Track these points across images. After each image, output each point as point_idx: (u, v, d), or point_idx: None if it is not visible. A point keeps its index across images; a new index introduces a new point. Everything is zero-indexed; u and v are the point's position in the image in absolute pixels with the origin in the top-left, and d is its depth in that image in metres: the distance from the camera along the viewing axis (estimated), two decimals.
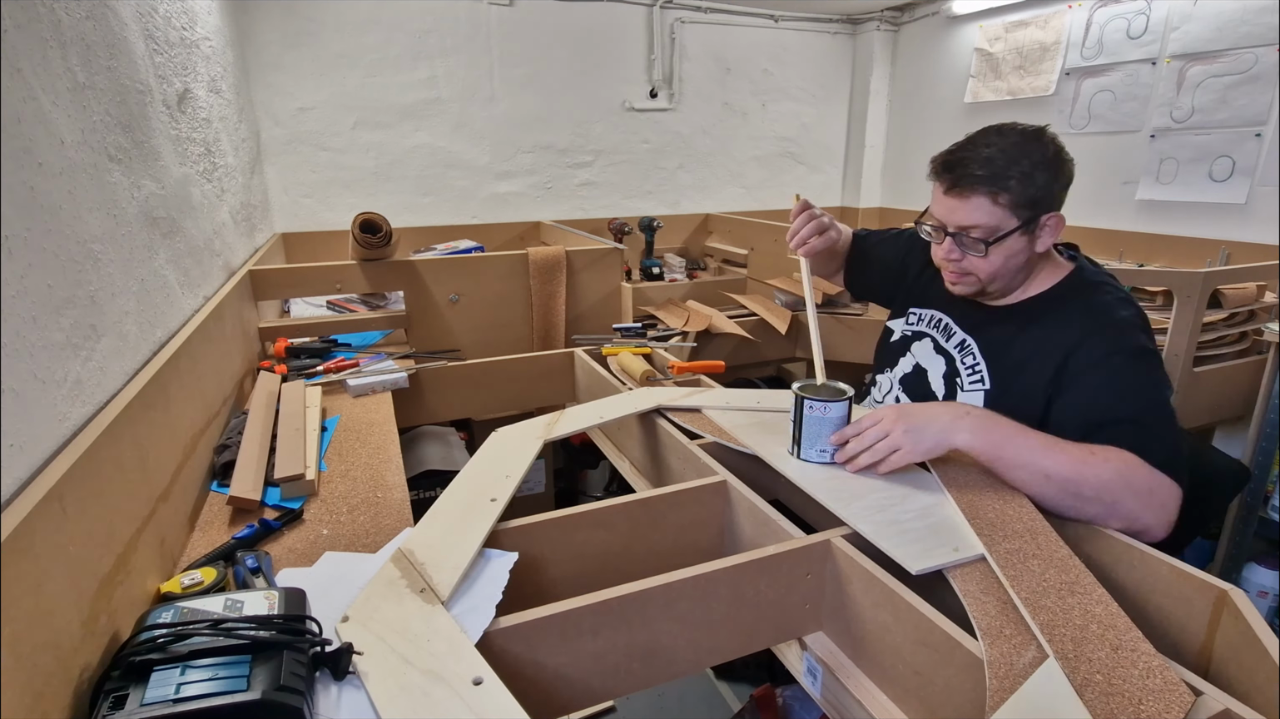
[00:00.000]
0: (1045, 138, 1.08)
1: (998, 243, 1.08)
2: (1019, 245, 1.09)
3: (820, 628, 0.90)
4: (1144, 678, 0.64)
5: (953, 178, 1.09)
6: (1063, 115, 2.67)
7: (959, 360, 1.20)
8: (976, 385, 1.16)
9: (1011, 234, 1.07)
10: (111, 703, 0.58)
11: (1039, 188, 1.05)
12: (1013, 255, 1.10)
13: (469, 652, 0.68)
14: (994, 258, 1.10)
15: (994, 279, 1.14)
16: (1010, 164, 1.05)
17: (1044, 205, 1.07)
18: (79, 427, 0.77)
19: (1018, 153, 1.05)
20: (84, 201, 0.87)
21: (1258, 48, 2.10)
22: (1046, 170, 1.05)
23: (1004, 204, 1.06)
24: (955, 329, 1.22)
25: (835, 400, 1.03)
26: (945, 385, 1.21)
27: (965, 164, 1.08)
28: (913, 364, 1.27)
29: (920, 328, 1.29)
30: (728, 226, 3.05)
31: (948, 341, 1.22)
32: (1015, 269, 1.12)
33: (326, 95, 2.52)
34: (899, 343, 1.32)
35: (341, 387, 1.57)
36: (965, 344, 1.19)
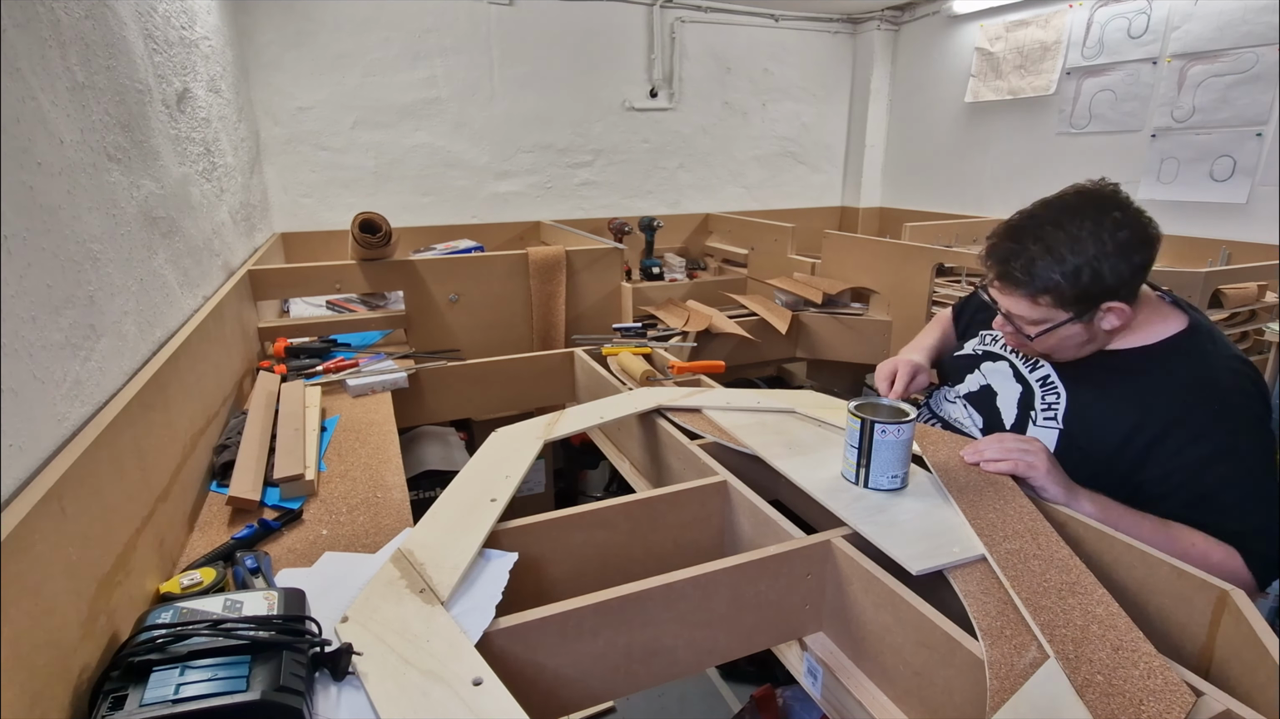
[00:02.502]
0: (1108, 229, 0.98)
1: (1046, 333, 1.04)
2: (1072, 332, 1.03)
3: (820, 628, 0.89)
4: (1145, 678, 0.64)
5: (997, 271, 1.05)
6: (1063, 115, 2.67)
7: (1038, 394, 1.12)
8: (1050, 423, 1.09)
9: (1061, 325, 1.03)
10: (111, 703, 0.58)
11: (1090, 283, 0.98)
12: (1068, 339, 1.05)
13: (469, 652, 0.68)
14: (1044, 342, 1.06)
15: (1053, 355, 1.10)
16: (1055, 265, 0.99)
17: (1101, 297, 1.00)
18: (78, 427, 0.77)
19: (1068, 250, 0.98)
20: (83, 201, 0.87)
21: (1258, 47, 2.10)
22: (1101, 264, 0.97)
23: (1045, 304, 1.02)
24: (1043, 362, 1.14)
25: (904, 421, 0.95)
26: (1018, 411, 1.13)
27: (1009, 260, 1.03)
28: (980, 384, 1.21)
29: (994, 349, 1.22)
30: (728, 226, 3.05)
31: (1031, 372, 1.15)
32: (1079, 346, 1.07)
33: (326, 95, 2.52)
34: (966, 359, 1.26)
35: (341, 387, 1.57)
36: (1049, 380, 1.12)
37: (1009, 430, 1.13)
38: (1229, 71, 2.17)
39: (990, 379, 1.20)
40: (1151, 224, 1.01)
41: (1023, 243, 1.02)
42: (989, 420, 1.18)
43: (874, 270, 2.27)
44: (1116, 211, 0.99)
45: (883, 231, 3.49)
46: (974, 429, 1.20)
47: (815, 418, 1.25)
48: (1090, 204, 1.01)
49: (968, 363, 1.25)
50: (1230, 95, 2.18)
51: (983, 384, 1.21)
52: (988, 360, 1.22)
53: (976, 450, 1.02)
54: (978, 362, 1.24)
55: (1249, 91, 2.13)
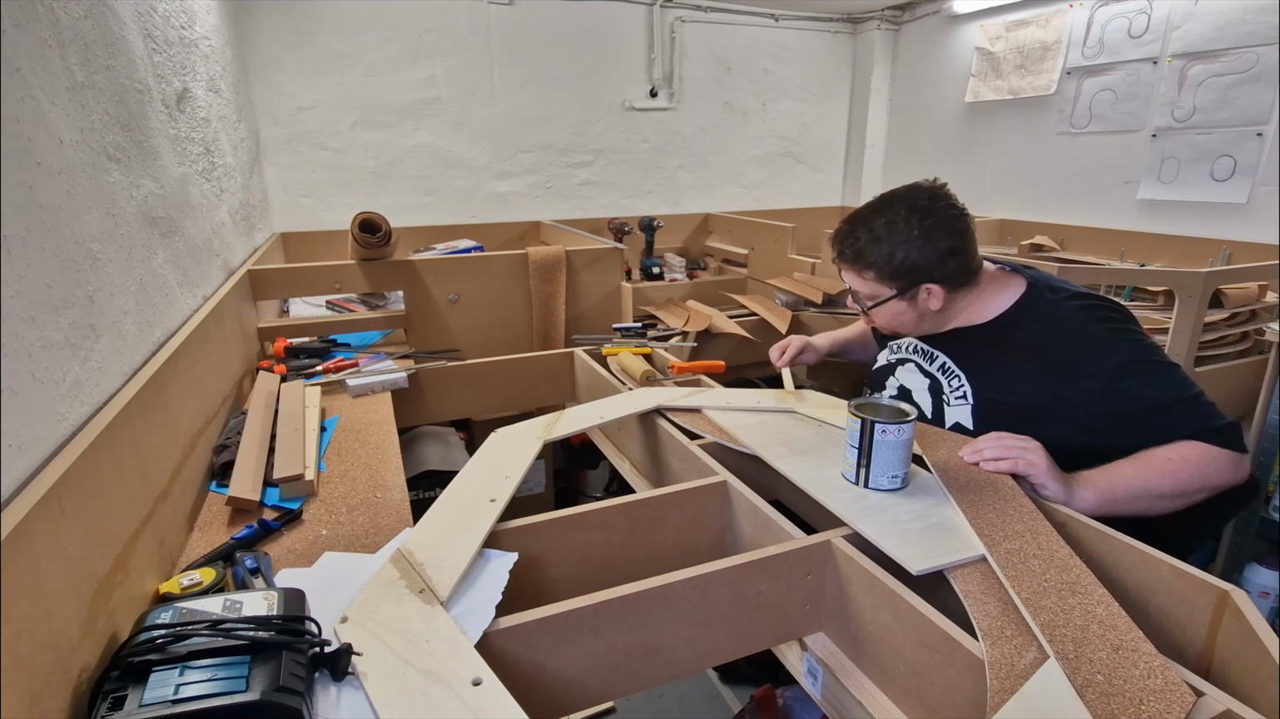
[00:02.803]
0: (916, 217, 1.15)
1: (877, 307, 1.23)
2: (900, 308, 1.21)
3: (821, 628, 0.89)
4: (1145, 678, 0.64)
5: (835, 251, 1.26)
6: (1064, 115, 2.67)
7: (944, 381, 1.25)
8: (961, 401, 1.21)
9: (888, 300, 1.21)
10: (110, 703, 0.58)
11: (903, 263, 1.16)
12: (899, 314, 1.23)
13: (468, 652, 0.68)
14: (880, 317, 1.26)
15: (892, 329, 1.29)
16: (873, 246, 1.17)
17: (917, 277, 1.17)
18: (78, 427, 0.77)
19: (884, 234, 1.16)
20: (83, 201, 0.87)
21: (1259, 47, 2.10)
22: (910, 247, 1.15)
23: (870, 279, 1.21)
24: (936, 353, 1.27)
25: (905, 421, 0.97)
26: (931, 398, 1.26)
27: (843, 241, 1.23)
28: (897, 386, 1.33)
29: (901, 354, 1.35)
30: (728, 226, 3.05)
31: (931, 364, 1.28)
32: (913, 321, 1.24)
33: (326, 95, 2.52)
34: (884, 369, 1.39)
35: (341, 386, 1.57)
36: (947, 366, 1.25)
37: (930, 417, 1.25)
38: (1229, 71, 2.17)
39: (903, 380, 1.33)
40: (961, 217, 1.17)
41: (855, 227, 1.21)
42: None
43: None
44: (925, 201, 1.16)
45: None
46: None
47: (815, 418, 1.25)
48: (908, 197, 1.18)
49: (884, 372, 1.38)
50: (1231, 95, 2.18)
51: (900, 385, 1.33)
52: (900, 366, 1.35)
53: (976, 450, 1.04)
54: (892, 369, 1.36)
55: (1249, 91, 2.13)
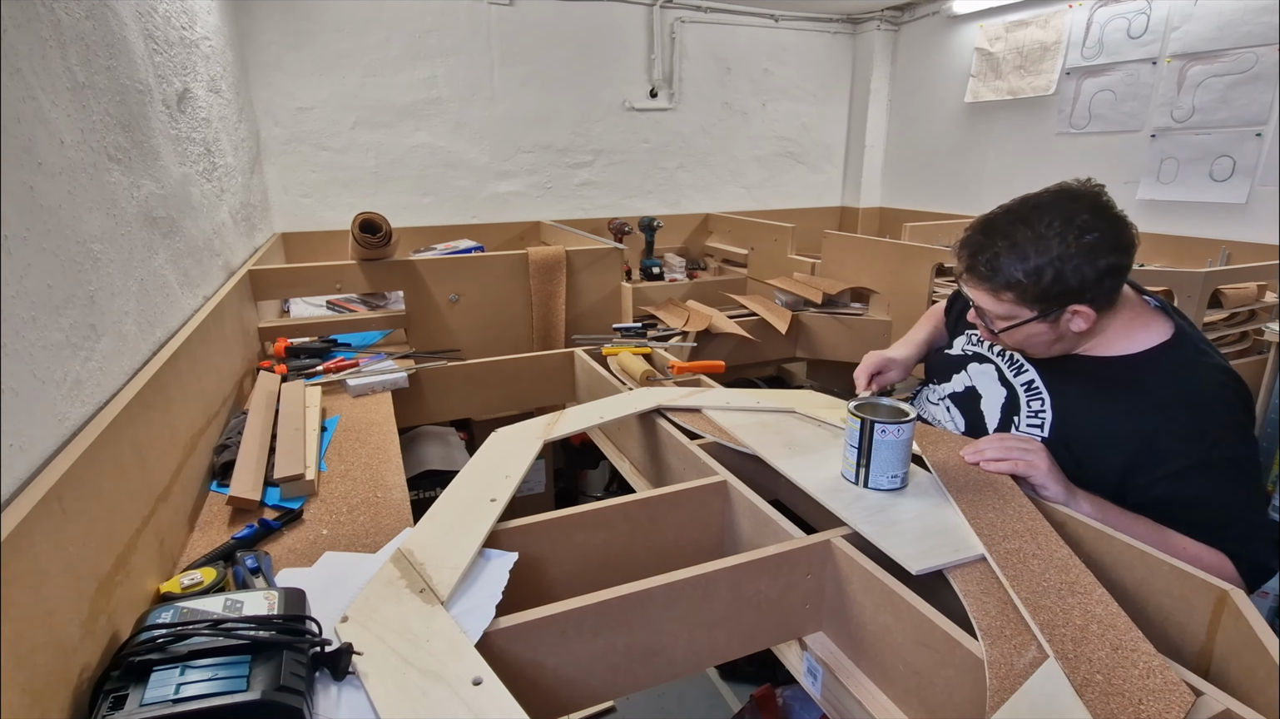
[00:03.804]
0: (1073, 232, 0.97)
1: (1011, 330, 1.06)
2: (1038, 330, 1.04)
3: (820, 628, 0.90)
4: (1144, 678, 0.64)
5: (964, 264, 1.07)
6: (1063, 115, 2.67)
7: (1023, 399, 1.11)
8: (1035, 429, 1.08)
9: (1027, 323, 1.03)
10: (111, 703, 0.58)
11: (1052, 283, 0.98)
12: (1034, 336, 1.06)
13: (469, 652, 0.68)
14: (1010, 338, 1.08)
15: (1023, 350, 1.12)
16: (1018, 263, 0.99)
17: (1066, 298, 0.99)
18: (78, 427, 0.77)
19: (1032, 249, 0.98)
20: (83, 201, 0.87)
21: (1258, 47, 2.10)
22: (1064, 265, 0.97)
23: (1008, 300, 1.03)
24: (1028, 366, 1.13)
25: (904, 421, 0.95)
26: (1001, 415, 1.13)
27: (976, 254, 1.04)
28: (965, 384, 1.20)
29: (982, 350, 1.21)
30: (728, 226, 3.05)
31: (1015, 376, 1.14)
32: (1047, 344, 1.07)
33: (326, 95, 2.52)
34: (956, 359, 1.24)
35: (341, 386, 1.57)
36: (1034, 386, 1.11)
37: (990, 430, 1.14)
38: (1229, 71, 2.18)
39: (976, 381, 1.19)
40: (1126, 230, 0.99)
41: (992, 238, 1.02)
42: (972, 423, 1.18)
43: (874, 270, 2.27)
44: (1086, 213, 0.98)
45: (882, 232, 3.49)
46: (955, 431, 1.20)
47: (815, 418, 1.25)
48: (1063, 204, 1.00)
49: (955, 363, 1.25)
50: (1230, 95, 2.18)
51: (968, 385, 1.20)
52: (975, 362, 1.21)
53: (977, 450, 1.02)
54: (965, 362, 1.23)
55: (1249, 91, 2.13)
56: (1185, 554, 0.91)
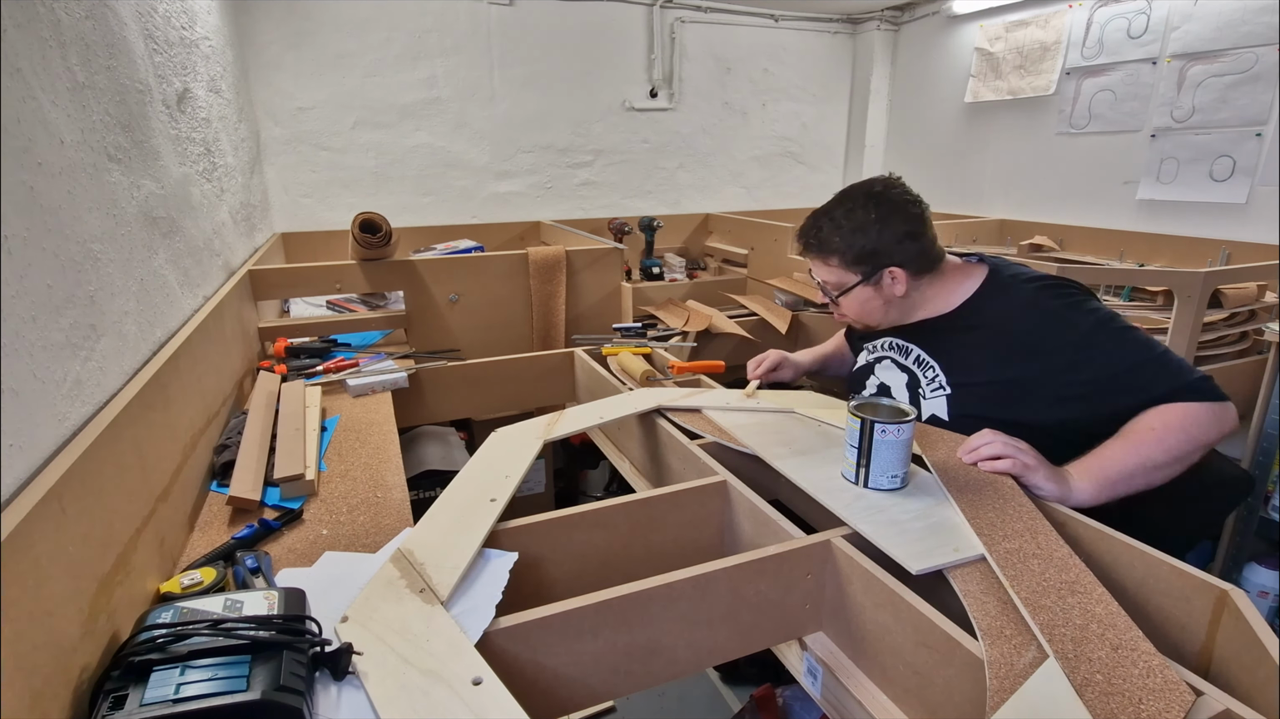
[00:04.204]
0: (872, 204, 1.21)
1: (844, 294, 1.28)
2: (867, 294, 1.26)
3: (820, 628, 0.90)
4: (1144, 678, 0.64)
5: (800, 246, 1.33)
6: (1063, 115, 2.67)
7: (920, 374, 1.27)
8: (938, 393, 1.23)
9: (854, 287, 1.26)
10: (111, 703, 0.58)
11: (864, 250, 1.22)
12: (866, 301, 1.27)
13: (468, 652, 0.68)
14: (848, 306, 1.30)
15: (861, 319, 1.32)
16: (835, 232, 1.24)
17: (878, 261, 1.22)
18: (79, 426, 0.77)
19: (844, 221, 1.23)
20: (83, 201, 0.87)
21: (1258, 47, 2.10)
22: (869, 231, 1.21)
23: (835, 265, 1.26)
24: (910, 347, 1.30)
25: (905, 421, 0.96)
26: (909, 393, 1.28)
27: (805, 235, 1.30)
28: (877, 384, 1.35)
29: (878, 353, 1.37)
30: (728, 226, 3.05)
31: (906, 358, 1.30)
32: (880, 309, 1.27)
33: (326, 95, 2.52)
34: (863, 369, 1.41)
35: (341, 386, 1.57)
36: (921, 359, 1.27)
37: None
38: (1229, 71, 2.18)
39: (882, 378, 1.35)
40: (914, 204, 1.23)
41: (817, 220, 1.28)
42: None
43: None
44: (879, 188, 1.23)
45: None
46: None
47: (815, 418, 1.25)
48: (864, 189, 1.25)
49: (863, 372, 1.41)
50: (1230, 95, 2.18)
51: (879, 384, 1.36)
52: (877, 364, 1.37)
53: (972, 449, 1.04)
54: (870, 369, 1.39)
55: (1248, 91, 2.13)
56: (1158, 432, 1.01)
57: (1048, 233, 2.71)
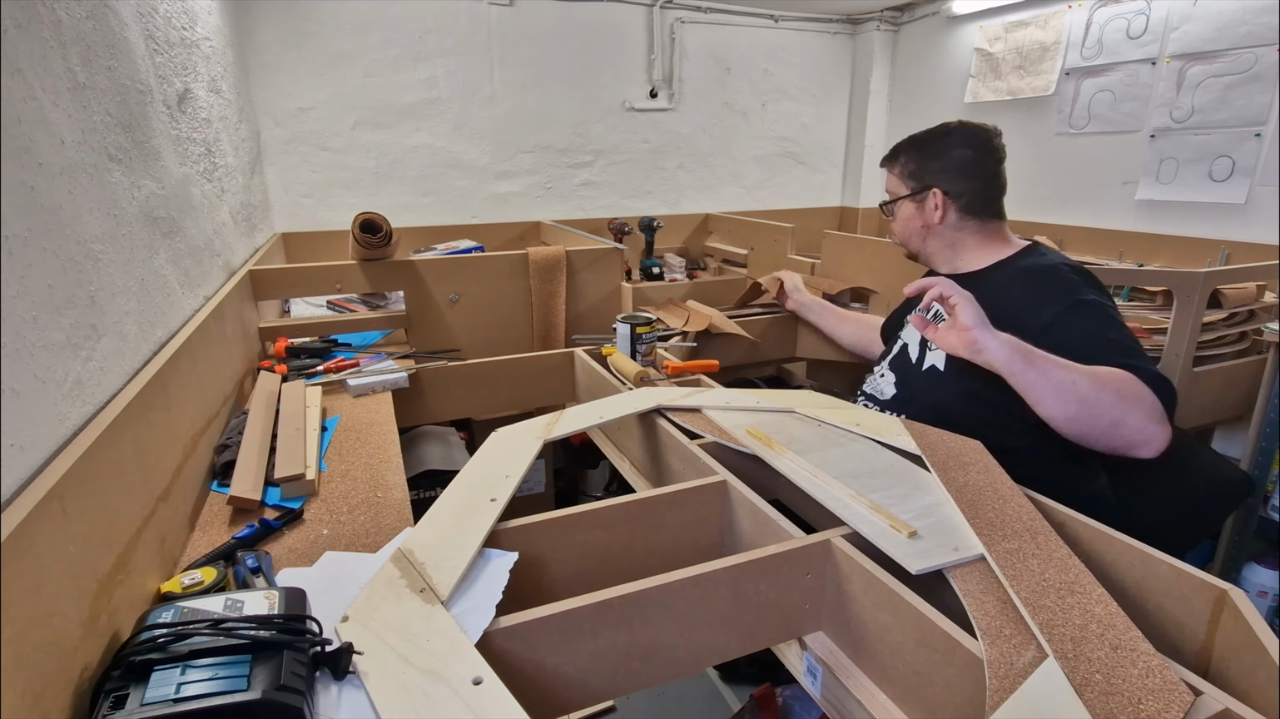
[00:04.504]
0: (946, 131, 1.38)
1: (892, 204, 1.45)
2: (910, 211, 1.41)
3: (820, 628, 0.90)
4: (1143, 677, 0.64)
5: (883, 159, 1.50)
6: (1062, 115, 2.67)
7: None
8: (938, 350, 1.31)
9: (901, 200, 1.42)
10: (112, 703, 0.58)
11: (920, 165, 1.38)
12: (909, 220, 1.41)
13: (469, 651, 0.68)
14: (895, 221, 1.46)
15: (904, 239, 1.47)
16: (907, 145, 1.41)
17: (926, 180, 1.37)
18: (79, 426, 0.77)
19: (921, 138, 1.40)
20: (84, 201, 0.87)
21: (1257, 48, 2.10)
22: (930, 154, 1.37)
23: (895, 174, 1.44)
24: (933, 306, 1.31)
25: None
26: (919, 347, 1.37)
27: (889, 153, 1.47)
28: (899, 345, 1.44)
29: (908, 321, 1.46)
30: (728, 226, 3.05)
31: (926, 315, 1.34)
32: (919, 232, 1.41)
33: (326, 95, 2.52)
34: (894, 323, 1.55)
35: (341, 386, 1.57)
36: (937, 314, 1.33)
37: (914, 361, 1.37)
38: (1228, 72, 2.18)
39: (905, 338, 1.45)
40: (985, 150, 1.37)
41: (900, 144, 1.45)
42: (902, 376, 1.42)
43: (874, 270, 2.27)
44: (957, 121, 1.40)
45: (882, 232, 3.48)
46: (890, 389, 1.43)
47: (815, 418, 1.25)
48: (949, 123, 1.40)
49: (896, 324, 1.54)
50: (1229, 96, 2.18)
51: (902, 344, 1.45)
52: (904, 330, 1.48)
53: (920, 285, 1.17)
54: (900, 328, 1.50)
55: (1248, 92, 2.13)
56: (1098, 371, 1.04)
57: (1047, 233, 2.71)
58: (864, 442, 1.15)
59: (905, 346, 1.42)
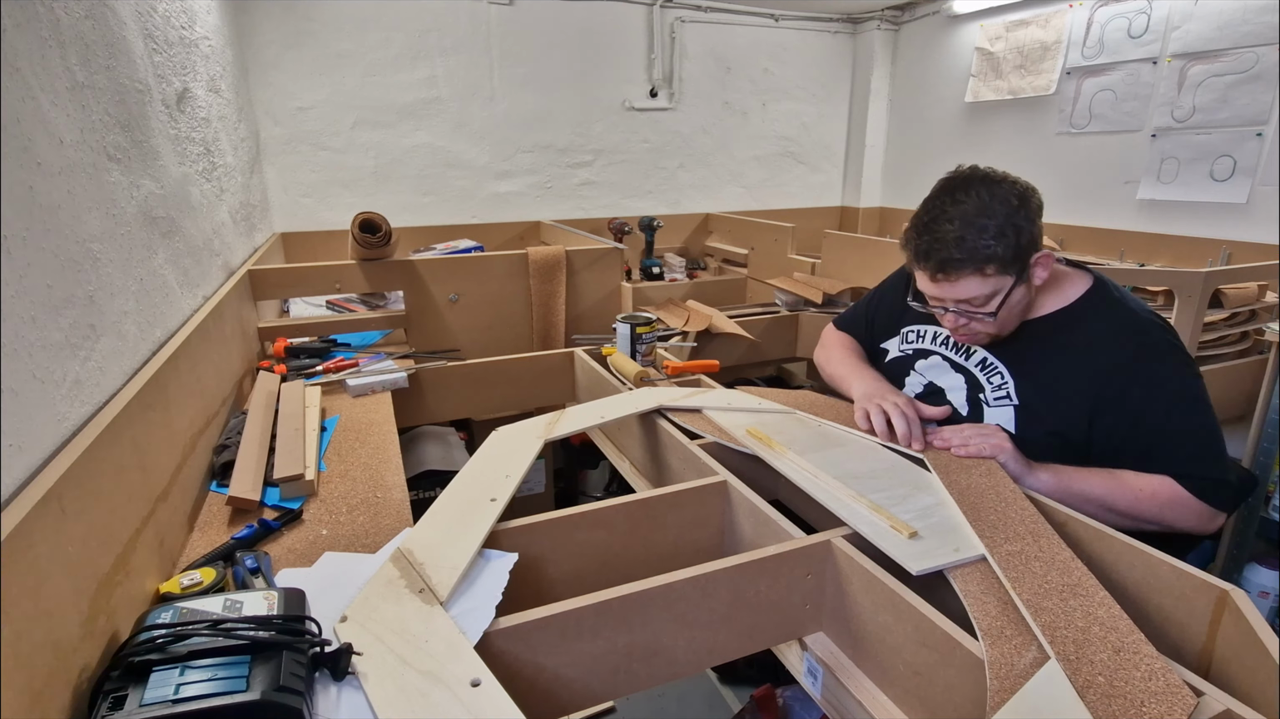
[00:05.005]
0: (1004, 188, 1.04)
1: (1003, 303, 1.07)
2: (1020, 295, 1.08)
3: (820, 628, 0.89)
4: (1146, 681, 0.64)
5: (935, 265, 1.06)
6: (1063, 115, 2.67)
7: (983, 378, 1.15)
8: (1004, 403, 1.12)
9: (1012, 290, 1.06)
10: (111, 703, 0.58)
11: (1017, 243, 1.03)
12: (1018, 303, 1.09)
13: (467, 653, 0.68)
14: (1005, 316, 1.09)
15: (1005, 329, 1.13)
16: (982, 234, 1.02)
17: (1029, 252, 1.05)
18: (78, 427, 0.77)
19: (985, 219, 1.02)
20: (83, 201, 0.87)
21: (1259, 47, 2.10)
22: (1017, 221, 1.02)
23: (993, 274, 1.04)
24: (974, 348, 1.18)
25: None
26: (969, 405, 1.16)
27: (941, 249, 1.04)
28: (922, 384, 1.23)
29: (923, 345, 1.24)
30: (728, 226, 3.05)
31: (966, 360, 1.18)
32: (1023, 309, 1.12)
33: (326, 95, 2.52)
34: (897, 362, 1.27)
35: (341, 386, 1.57)
36: (987, 362, 1.15)
37: (966, 420, 1.16)
38: (1229, 71, 2.17)
39: (930, 376, 1.22)
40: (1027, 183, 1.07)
41: (944, 229, 1.04)
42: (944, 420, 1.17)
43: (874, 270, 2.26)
44: (993, 174, 1.07)
45: (883, 231, 3.49)
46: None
47: (815, 418, 1.25)
48: (975, 179, 1.07)
49: (900, 366, 1.27)
50: (1230, 95, 2.18)
51: (925, 384, 1.23)
52: (920, 359, 1.24)
53: (944, 439, 1.08)
54: (910, 362, 1.25)
55: (1249, 91, 2.13)
56: (1141, 493, 0.99)
57: (1048, 233, 2.71)
58: (864, 442, 1.14)
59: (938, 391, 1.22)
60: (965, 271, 1.04)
